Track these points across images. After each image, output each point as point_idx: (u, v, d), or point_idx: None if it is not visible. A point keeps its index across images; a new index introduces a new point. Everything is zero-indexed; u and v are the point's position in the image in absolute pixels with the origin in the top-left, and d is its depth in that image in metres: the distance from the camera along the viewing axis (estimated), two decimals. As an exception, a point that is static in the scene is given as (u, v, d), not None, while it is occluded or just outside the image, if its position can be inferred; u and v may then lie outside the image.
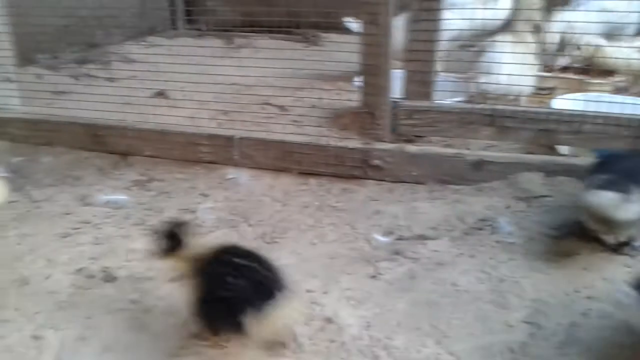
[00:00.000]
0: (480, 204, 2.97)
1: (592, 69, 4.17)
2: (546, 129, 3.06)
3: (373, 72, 3.19)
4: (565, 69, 4.32)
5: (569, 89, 3.94)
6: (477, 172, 3.11)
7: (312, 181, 3.36)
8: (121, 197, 3.25)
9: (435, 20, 3.16)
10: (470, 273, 2.49)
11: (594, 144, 2.95)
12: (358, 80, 3.10)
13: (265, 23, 5.79)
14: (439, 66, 3.69)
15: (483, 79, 3.58)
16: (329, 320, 2.24)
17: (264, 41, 6.39)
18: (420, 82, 3.28)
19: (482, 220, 2.84)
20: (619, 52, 4.15)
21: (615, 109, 3.08)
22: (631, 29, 4.45)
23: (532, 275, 2.45)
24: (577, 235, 2.60)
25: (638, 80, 4.17)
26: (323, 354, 2.09)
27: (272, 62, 3.90)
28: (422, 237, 2.76)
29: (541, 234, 2.70)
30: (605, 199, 2.33)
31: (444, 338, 2.15)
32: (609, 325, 2.16)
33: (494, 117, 3.15)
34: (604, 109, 3.11)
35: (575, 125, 2.99)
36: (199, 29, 6.84)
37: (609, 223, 2.38)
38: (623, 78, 4.17)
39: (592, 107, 3.22)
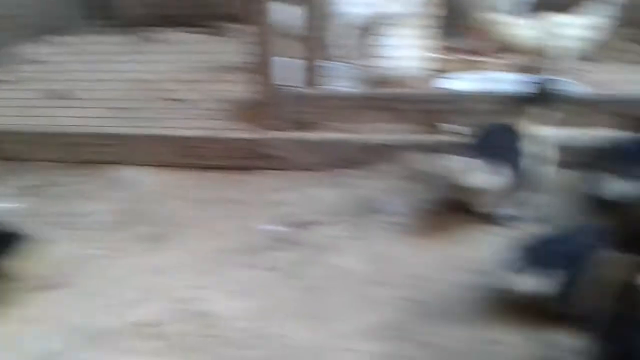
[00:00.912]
0: (371, 186, 3.04)
1: (487, 49, 4.28)
2: (433, 110, 3.15)
3: (263, 62, 3.19)
4: (460, 49, 4.41)
5: (463, 68, 4.04)
6: (370, 155, 3.17)
7: (211, 175, 3.34)
8: (11, 204, 3.13)
9: (327, 8, 3.18)
10: (358, 255, 2.55)
11: (476, 121, 3.04)
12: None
13: (175, 16, 5.67)
14: (333, 53, 3.72)
15: (376, 63, 3.63)
16: (210, 314, 2.25)
17: (174, 35, 6.25)
18: (315, 70, 3.31)
19: (372, 202, 2.91)
20: (515, 29, 4.23)
21: (505, 87, 3.18)
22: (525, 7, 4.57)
23: (414, 253, 2.53)
24: (455, 210, 2.70)
25: (532, 57, 4.30)
26: (202, 349, 2.10)
27: (180, 56, 3.84)
28: (315, 224, 2.80)
29: (424, 212, 2.80)
30: (452, 165, 2.43)
31: (331, 322, 2.20)
32: (482, 296, 2.25)
33: (385, 100, 3.21)
34: (497, 87, 3.20)
35: (459, 104, 3.08)
36: (107, 25, 6.62)
37: (465, 191, 2.50)
38: (518, 56, 4.30)
39: (481, 86, 3.33)
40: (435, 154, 2.67)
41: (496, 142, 2.62)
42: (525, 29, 3.99)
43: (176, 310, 2.28)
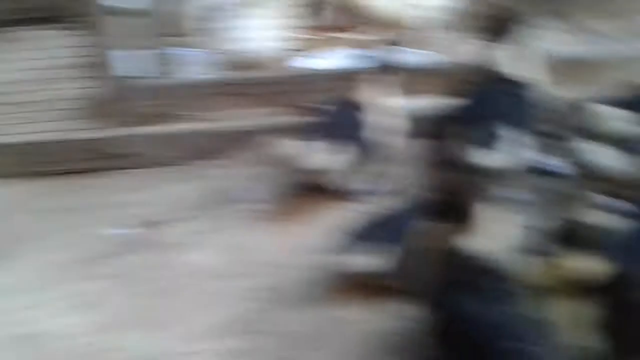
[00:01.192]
0: (229, 176, 2.90)
1: (348, 24, 4.24)
2: (290, 91, 3.06)
3: (97, 54, 2.96)
4: (321, 27, 4.35)
5: (323, 46, 3.98)
6: (227, 143, 3.03)
7: (58, 182, 3.05)
8: None
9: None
10: (209, 249, 2.43)
11: (328, 99, 2.98)
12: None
13: (26, 12, 5.22)
14: (184, 40, 3.54)
15: (232, 46, 3.48)
16: (51, 334, 2.06)
17: (24, 33, 5.77)
18: (163, 59, 3.11)
19: (230, 192, 2.79)
20: (373, 1, 4.20)
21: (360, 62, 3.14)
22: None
23: (269, 240, 2.45)
24: (311, 192, 2.64)
25: (393, 30, 4.32)
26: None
27: (29, 54, 3.50)
28: (168, 222, 2.64)
29: (282, 197, 2.72)
30: (294, 149, 2.37)
31: (179, 325, 2.07)
32: (335, 275, 2.20)
33: (240, 85, 3.09)
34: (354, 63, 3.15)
35: (314, 83, 3.02)
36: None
37: (312, 173, 2.46)
38: (379, 30, 4.30)
39: (339, 63, 3.27)
40: (283, 138, 2.59)
41: (341, 119, 2.57)
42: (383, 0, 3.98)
43: (9, 334, 2.07)
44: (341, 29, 4.22)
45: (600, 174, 2.25)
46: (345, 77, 3.02)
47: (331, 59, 3.44)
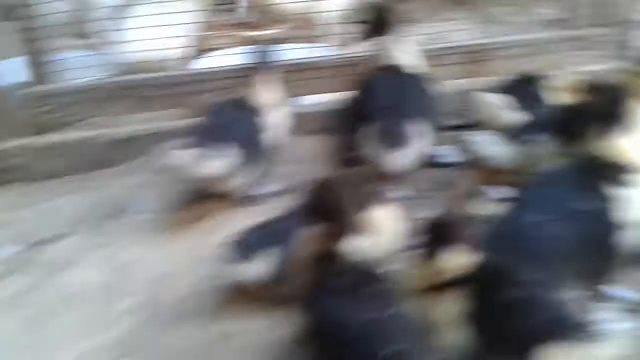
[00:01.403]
0: (121, 186, 2.76)
1: (257, 21, 4.15)
2: (186, 92, 2.94)
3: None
4: (236, 24, 4.25)
5: (230, 44, 3.87)
6: (119, 151, 2.89)
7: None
8: None
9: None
10: (94, 267, 2.29)
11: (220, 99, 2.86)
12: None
13: None
14: (75, 43, 3.37)
15: (126, 48, 3.31)
16: None
17: None
18: (44, 64, 2.92)
19: (120, 203, 2.65)
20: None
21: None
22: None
23: (156, 253, 2.33)
24: (206, 198, 2.53)
25: (301, 26, 4.24)
26: None
27: None
28: (54, 239, 2.48)
29: (175, 205, 2.60)
30: (179, 157, 2.27)
31: (51, 352, 1.93)
32: (221, 287, 2.11)
33: (131, 88, 2.94)
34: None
35: (210, 83, 2.91)
36: None
37: (202, 180, 2.36)
38: (291, 26, 4.22)
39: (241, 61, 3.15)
40: (177, 144, 2.46)
41: (234, 120, 2.46)
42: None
43: None
44: (248, 26, 4.13)
45: (485, 162, 2.24)
46: (243, 75, 2.92)
47: (232, 57, 3.32)
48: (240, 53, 3.31)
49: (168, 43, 3.30)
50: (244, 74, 2.83)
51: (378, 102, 2.48)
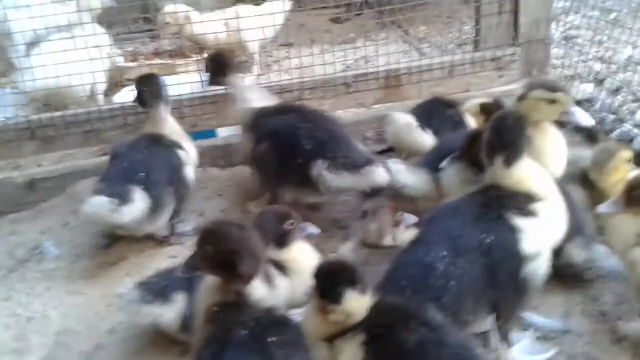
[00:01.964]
0: (35, 229, 2.64)
1: (183, 51, 4.08)
2: (94, 129, 2.85)
3: None
4: (158, 53, 4.16)
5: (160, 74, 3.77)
6: (32, 193, 2.77)
7: None
8: None
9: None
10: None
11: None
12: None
13: None
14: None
15: (36, 84, 3.16)
16: None
17: None
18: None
19: (33, 249, 2.53)
20: (206, 27, 4.05)
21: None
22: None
23: (66, 302, 2.22)
24: (124, 238, 2.45)
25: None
26: None
27: None
28: (-44, 292, 2.33)
29: (92, 247, 2.50)
30: (99, 207, 2.17)
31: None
32: (132, 334, 2.03)
33: (33, 129, 2.82)
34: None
35: (120, 119, 2.82)
36: None
37: (118, 226, 2.26)
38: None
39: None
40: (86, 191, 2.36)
41: (139, 161, 2.35)
42: (210, 24, 3.84)
43: None
44: (172, 56, 4.05)
45: (400, 190, 2.23)
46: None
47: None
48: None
49: (79, 77, 3.17)
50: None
51: None
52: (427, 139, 2.49)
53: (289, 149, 2.37)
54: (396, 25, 4.62)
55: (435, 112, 2.59)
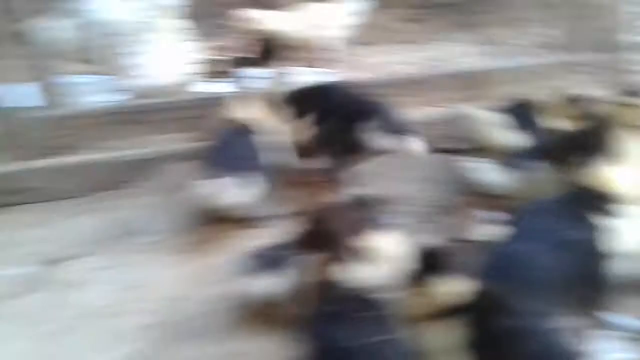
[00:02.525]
0: (134, 206, 2.86)
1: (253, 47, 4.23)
2: (187, 117, 3.04)
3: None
4: (227, 49, 4.33)
5: (229, 70, 3.94)
6: (132, 172, 2.99)
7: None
8: None
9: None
10: (107, 286, 2.38)
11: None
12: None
13: None
14: (83, 68, 3.48)
15: (134, 73, 3.42)
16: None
17: None
18: (57, 89, 3.03)
19: (131, 224, 2.74)
20: (276, 24, 4.15)
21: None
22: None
23: (169, 273, 2.42)
24: (218, 221, 2.61)
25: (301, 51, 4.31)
26: None
27: None
28: (68, 258, 2.58)
29: (186, 225, 2.69)
30: (212, 189, 2.35)
31: (63, 369, 2.02)
32: (232, 305, 2.19)
33: (139, 113, 3.05)
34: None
35: (213, 108, 3.00)
36: None
37: (223, 209, 2.44)
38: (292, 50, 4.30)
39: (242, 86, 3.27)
40: (189, 173, 2.54)
41: (240, 144, 2.56)
42: (289, 22, 3.99)
43: None
44: (248, 53, 4.22)
45: (482, 188, 2.32)
46: (243, 99, 3.03)
47: (233, 83, 3.44)
48: (241, 79, 3.45)
49: (172, 68, 3.40)
50: (245, 99, 2.94)
51: None
52: (510, 138, 2.56)
53: (344, 120, 2.62)
54: (472, 27, 4.66)
55: (519, 113, 2.65)
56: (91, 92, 3.15)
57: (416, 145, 2.56)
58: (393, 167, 3.00)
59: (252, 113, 2.70)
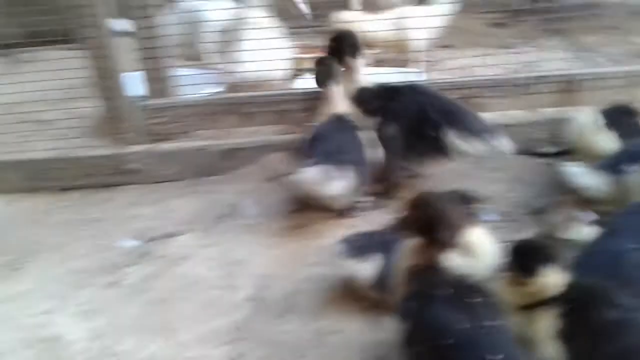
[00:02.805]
0: (231, 191, 3.05)
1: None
2: (282, 110, 3.21)
3: (105, 75, 3.13)
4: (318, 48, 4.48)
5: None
6: (229, 160, 3.18)
7: (74, 196, 3.23)
8: None
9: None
10: (210, 261, 2.57)
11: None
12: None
13: (48, 33, 5.41)
14: (191, 61, 3.71)
15: (235, 68, 3.62)
16: (58, 338, 2.21)
17: (41, 54, 6.00)
18: (161, 79, 3.27)
19: (231, 206, 2.93)
20: (374, 27, 4.33)
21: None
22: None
23: (265, 253, 2.58)
24: (312, 208, 2.75)
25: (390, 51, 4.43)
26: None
27: (45, 75, 3.67)
28: (172, 234, 2.79)
29: (282, 211, 2.84)
30: (313, 178, 2.48)
31: (173, 332, 2.21)
32: (325, 286, 2.33)
33: (236, 105, 3.24)
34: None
35: (308, 102, 3.15)
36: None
37: (321, 199, 2.57)
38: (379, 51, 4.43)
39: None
40: (291, 163, 2.72)
41: (337, 139, 2.68)
42: (377, 24, 4.10)
43: (23, 338, 2.23)
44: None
45: (578, 191, 2.34)
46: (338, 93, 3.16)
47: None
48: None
49: (274, 63, 3.58)
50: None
51: None
52: (610, 142, 2.56)
53: (419, 124, 2.68)
54: (562, 33, 4.61)
55: (617, 118, 2.64)
56: (194, 84, 3.37)
57: (500, 146, 2.61)
58: (481, 167, 3.07)
59: (348, 107, 2.82)
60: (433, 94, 2.85)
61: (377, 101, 2.81)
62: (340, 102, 2.84)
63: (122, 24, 3.38)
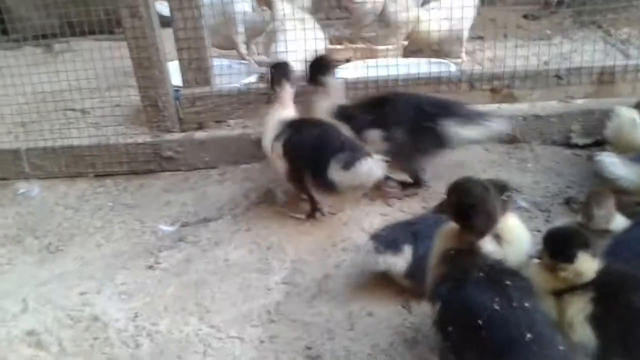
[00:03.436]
0: (265, 178, 3.11)
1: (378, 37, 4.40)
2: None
3: (145, 64, 3.21)
4: (353, 39, 4.52)
5: (361, 57, 4.15)
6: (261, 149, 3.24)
7: (109, 182, 3.34)
8: None
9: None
10: (243, 246, 2.63)
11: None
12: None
13: (84, 24, 5.54)
14: (231, 52, 3.78)
15: (273, 58, 3.66)
16: (96, 318, 2.29)
17: (78, 44, 6.15)
18: (198, 69, 3.33)
19: (265, 193, 3.00)
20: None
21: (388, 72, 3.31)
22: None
23: (297, 238, 2.63)
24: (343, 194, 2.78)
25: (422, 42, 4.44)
26: (86, 353, 2.14)
27: (83, 64, 3.79)
28: (206, 220, 2.86)
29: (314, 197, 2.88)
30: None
31: (207, 313, 2.27)
32: (355, 272, 2.37)
33: (268, 95, 3.28)
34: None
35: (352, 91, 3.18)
36: (14, 40, 6.44)
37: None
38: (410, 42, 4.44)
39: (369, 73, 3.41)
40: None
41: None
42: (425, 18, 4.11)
43: (62, 318, 2.31)
44: (373, 41, 4.38)
45: (611, 182, 2.33)
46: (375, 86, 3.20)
47: (362, 69, 3.59)
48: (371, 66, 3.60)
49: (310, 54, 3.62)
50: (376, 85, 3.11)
51: None
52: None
53: (417, 120, 2.72)
54: (596, 25, 4.56)
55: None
56: (229, 74, 3.43)
57: (497, 128, 2.69)
58: (512, 157, 3.07)
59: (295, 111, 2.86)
60: (422, 94, 2.93)
61: (367, 114, 2.81)
62: (290, 104, 2.84)
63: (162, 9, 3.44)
